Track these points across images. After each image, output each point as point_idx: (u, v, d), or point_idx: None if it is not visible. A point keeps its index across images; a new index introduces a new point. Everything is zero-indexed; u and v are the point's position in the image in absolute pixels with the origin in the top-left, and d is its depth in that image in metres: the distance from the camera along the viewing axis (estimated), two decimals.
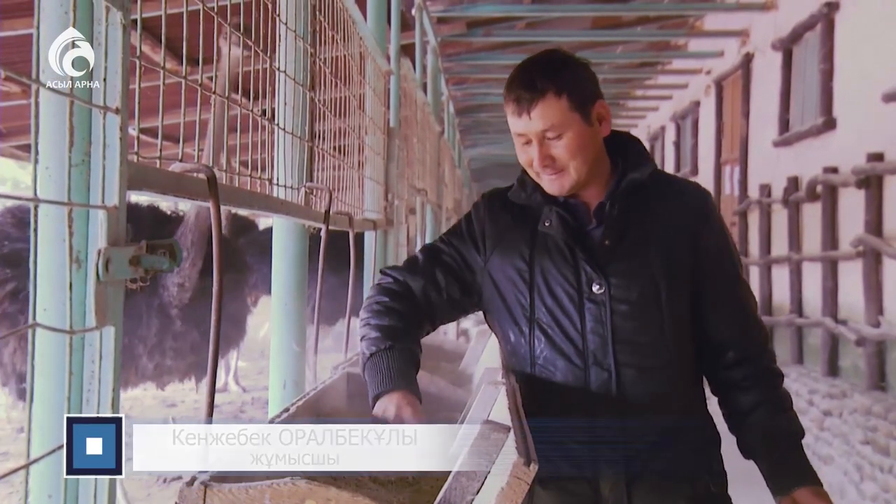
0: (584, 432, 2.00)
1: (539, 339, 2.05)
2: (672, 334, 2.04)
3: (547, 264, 2.05)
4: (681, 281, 2.06)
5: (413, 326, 2.07)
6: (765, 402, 2.07)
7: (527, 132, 1.99)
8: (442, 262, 2.16)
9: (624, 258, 2.03)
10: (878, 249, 7.03)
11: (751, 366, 2.09)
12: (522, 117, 1.98)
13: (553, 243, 2.06)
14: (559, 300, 2.03)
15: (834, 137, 8.22)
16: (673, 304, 2.04)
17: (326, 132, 3.10)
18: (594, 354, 2.00)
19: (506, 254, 2.10)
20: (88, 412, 1.20)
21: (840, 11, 8.23)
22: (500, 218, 2.15)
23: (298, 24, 2.53)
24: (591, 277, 2.01)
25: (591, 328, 2.01)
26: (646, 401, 2.01)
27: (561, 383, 2.02)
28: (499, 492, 1.31)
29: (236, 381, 10.52)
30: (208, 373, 1.60)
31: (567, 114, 1.97)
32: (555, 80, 1.97)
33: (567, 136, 1.97)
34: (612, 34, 12.50)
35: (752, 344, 2.12)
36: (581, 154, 2.00)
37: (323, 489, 1.23)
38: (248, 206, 2.11)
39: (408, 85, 6.09)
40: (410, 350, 1.99)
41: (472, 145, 22.37)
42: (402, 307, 2.07)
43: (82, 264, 1.18)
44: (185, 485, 1.25)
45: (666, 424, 2.03)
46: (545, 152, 1.99)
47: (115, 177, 1.20)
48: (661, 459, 2.02)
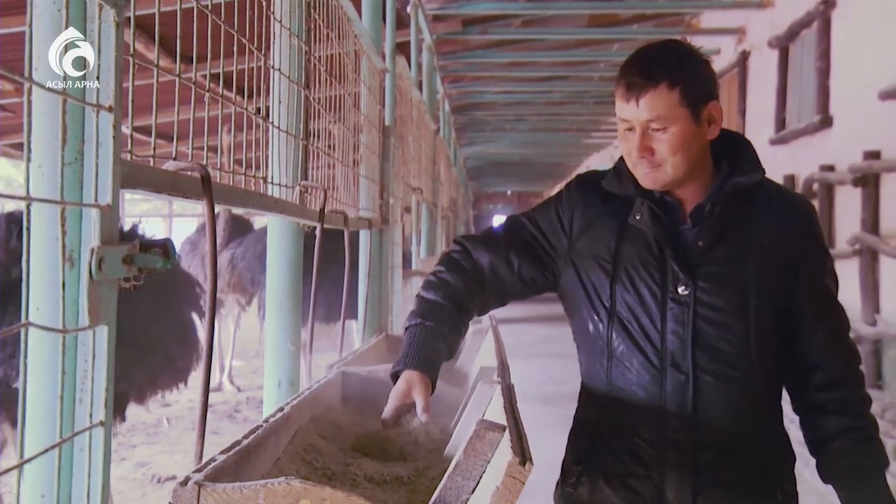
0: (655, 433, 1.96)
1: (618, 332, 2.00)
2: (756, 346, 1.96)
3: (633, 258, 1.99)
4: (774, 294, 1.98)
5: (461, 302, 2.05)
6: (851, 428, 1.99)
7: (632, 119, 1.92)
8: (521, 238, 2.12)
9: (716, 263, 1.96)
10: (874, 248, 7.04)
11: (840, 390, 2.02)
12: (630, 103, 1.91)
13: (642, 238, 2.00)
14: (641, 296, 1.97)
15: (830, 135, 8.24)
16: (761, 317, 1.96)
17: (321, 130, 3.09)
18: (672, 356, 1.94)
19: (592, 241, 2.05)
20: (81, 412, 1.20)
21: (837, 9, 8.25)
22: (591, 203, 2.09)
23: (293, 22, 2.53)
24: (678, 278, 1.95)
25: (671, 329, 1.95)
26: (721, 410, 1.94)
27: (636, 380, 1.97)
28: (494, 491, 1.31)
29: (231, 381, 10.51)
30: (202, 372, 1.60)
31: (676, 108, 1.89)
32: (671, 72, 1.89)
33: (672, 130, 1.90)
34: (608, 32, 12.51)
35: (843, 367, 2.05)
36: (682, 152, 1.92)
37: (317, 489, 1.23)
38: (242, 205, 2.10)
39: (403, 83, 6.09)
40: (441, 330, 1.98)
41: (467, 144, 22.38)
42: (456, 281, 2.07)
43: (75, 263, 1.18)
44: (179, 484, 1.25)
45: (740, 437, 1.97)
46: (646, 143, 1.92)
47: (108, 175, 1.19)
48: (732, 472, 1.97)
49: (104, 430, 1.20)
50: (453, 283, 2.07)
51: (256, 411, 8.94)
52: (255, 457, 1.56)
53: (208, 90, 1.77)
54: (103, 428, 1.20)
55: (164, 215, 22.02)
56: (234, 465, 1.41)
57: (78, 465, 1.20)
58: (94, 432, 1.20)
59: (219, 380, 10.42)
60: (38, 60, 1.16)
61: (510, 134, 21.70)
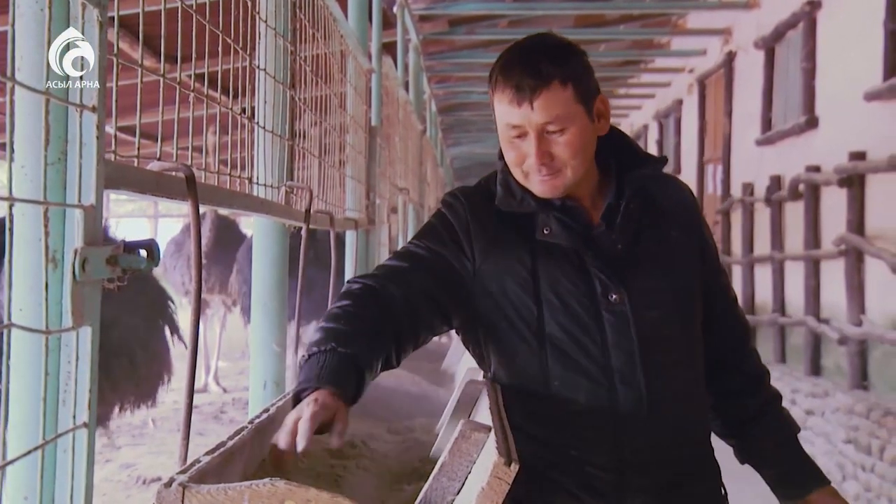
0: (612, 459, 1.77)
1: (555, 356, 1.79)
2: (697, 346, 1.90)
3: (554, 273, 1.80)
4: (697, 285, 1.91)
5: (370, 332, 1.69)
6: (763, 405, 1.99)
7: (524, 124, 1.75)
8: (422, 265, 1.85)
9: (641, 263, 1.84)
10: (859, 248, 7.08)
11: (744, 368, 2.01)
12: (522, 107, 1.74)
13: (558, 251, 1.82)
14: (573, 312, 1.79)
15: (816, 136, 8.27)
16: (696, 312, 1.90)
17: (307, 130, 3.09)
18: (620, 372, 1.77)
19: (502, 263, 1.83)
20: (65, 413, 1.19)
21: (822, 10, 8.28)
22: (484, 223, 1.87)
23: (278, 22, 2.52)
24: (607, 286, 1.79)
25: (613, 342, 1.78)
26: (677, 422, 1.81)
27: (584, 405, 1.78)
28: (479, 492, 1.31)
29: (217, 382, 10.49)
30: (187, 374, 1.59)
31: (572, 106, 1.75)
32: (562, 68, 1.74)
33: (570, 131, 1.75)
34: (594, 32, 12.54)
35: (742, 343, 2.04)
36: (582, 153, 1.78)
37: (302, 490, 1.23)
38: (227, 206, 2.10)
39: (389, 83, 6.08)
40: (353, 355, 1.60)
41: (454, 144, 22.38)
42: (363, 311, 1.73)
43: (59, 264, 1.17)
44: (163, 486, 1.24)
45: (695, 448, 1.88)
46: (544, 148, 1.76)
47: (91, 176, 1.19)
48: (692, 488, 1.86)
49: (88, 431, 1.20)
50: (358, 313, 1.72)
51: (242, 412, 8.92)
52: (240, 458, 1.56)
53: (193, 90, 1.77)
54: (87, 429, 1.20)
55: (149, 216, 21.93)
56: (219, 467, 1.41)
57: (61, 467, 1.19)
58: (78, 433, 1.20)
59: (204, 381, 10.40)
60: (20, 60, 1.16)
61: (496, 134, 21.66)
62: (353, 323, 1.68)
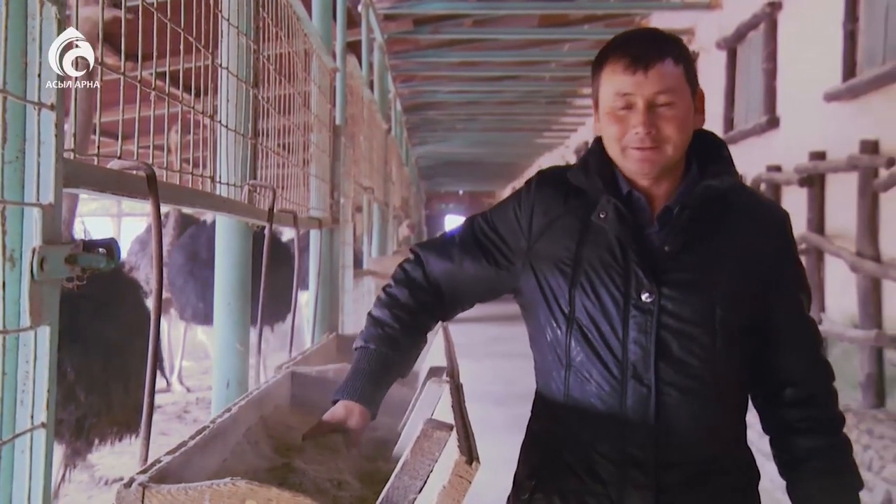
0: (615, 450, 1.82)
1: (577, 340, 1.85)
2: (723, 360, 1.84)
3: (594, 261, 1.85)
4: (743, 305, 1.86)
5: (412, 320, 1.98)
6: (825, 448, 1.90)
7: (637, 92, 1.78)
8: (477, 242, 2.00)
9: (683, 270, 1.83)
10: (819, 247, 7.15)
11: (813, 408, 1.92)
12: (637, 74, 1.78)
13: (605, 239, 1.85)
14: (602, 303, 1.83)
15: (777, 136, 8.36)
16: (730, 329, 1.84)
17: (271, 130, 3.08)
18: (634, 367, 1.80)
19: (552, 243, 1.90)
20: (22, 414, 1.18)
21: (783, 11, 8.37)
22: (552, 202, 1.94)
23: (241, 21, 2.51)
24: (642, 284, 1.80)
25: (633, 338, 1.80)
26: (686, 427, 1.81)
27: (595, 392, 1.83)
28: (441, 490, 1.31)
29: (180, 381, 10.42)
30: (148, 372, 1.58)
31: (682, 84, 1.81)
32: (675, 48, 1.82)
33: (678, 106, 1.79)
34: (558, 32, 12.59)
35: (816, 385, 1.95)
36: (684, 132, 1.82)
37: (264, 489, 1.22)
38: (189, 205, 2.09)
39: (354, 82, 6.07)
40: (388, 355, 1.93)
41: (419, 143, 22.38)
42: (407, 297, 1.99)
43: (16, 263, 1.16)
44: (123, 486, 1.23)
45: (706, 457, 1.85)
46: (651, 119, 1.79)
47: (50, 174, 1.18)
48: (698, 494, 1.84)
49: (46, 431, 1.19)
50: (402, 300, 1.99)
51: (206, 412, 8.86)
52: (201, 458, 1.55)
53: (154, 88, 1.76)
54: (44, 429, 1.19)
55: (112, 214, 21.75)
56: (180, 466, 1.40)
57: (19, 468, 1.18)
58: (36, 434, 1.19)
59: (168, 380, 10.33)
60: None
61: (462, 133, 21.74)
62: (395, 312, 1.98)
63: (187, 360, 11.30)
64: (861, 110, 6.70)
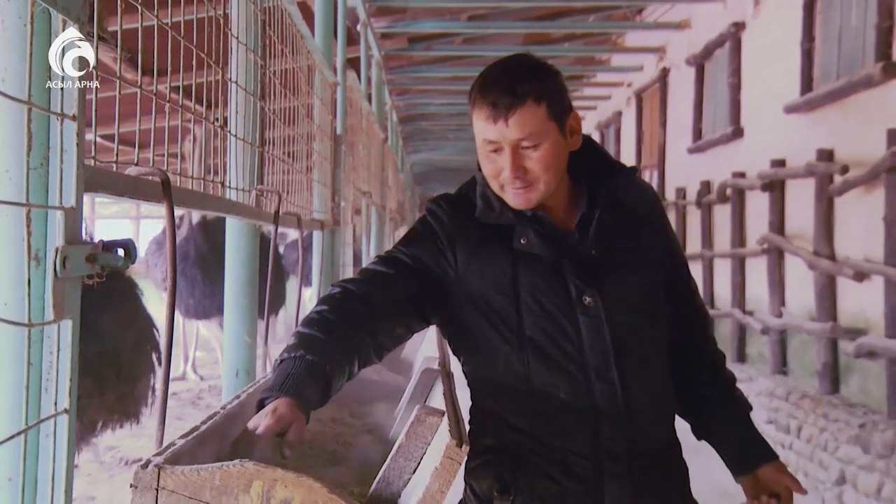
0: (589, 446, 1.76)
1: (535, 357, 1.76)
2: (661, 342, 1.89)
3: (533, 280, 1.77)
4: (660, 286, 1.88)
5: (343, 338, 1.67)
6: (719, 384, 1.98)
7: (500, 140, 1.72)
8: (404, 269, 1.82)
9: (613, 267, 1.81)
10: (780, 247, 7.18)
11: (701, 353, 1.99)
12: (498, 124, 1.71)
13: (535, 259, 1.78)
14: (551, 316, 1.76)
15: (742, 145, 8.38)
16: (659, 311, 1.88)
17: (277, 139, 3.07)
18: (596, 370, 1.75)
19: (484, 270, 1.79)
20: (47, 400, 1.18)
21: (746, 31, 8.40)
22: (467, 232, 1.83)
23: (249, 39, 2.50)
24: (581, 289, 1.76)
25: (588, 343, 1.76)
26: (649, 413, 1.81)
27: (566, 400, 1.76)
28: (433, 471, 1.31)
29: (194, 370, 10.40)
30: (163, 363, 1.58)
31: (545, 123, 1.72)
32: (536, 87, 1.71)
33: (543, 146, 1.72)
34: (541, 49, 12.53)
35: (701, 330, 2.02)
36: (554, 168, 1.75)
37: (269, 470, 1.22)
38: (200, 208, 2.09)
39: (353, 95, 6.06)
40: (321, 364, 1.59)
41: (414, 151, 22.36)
42: (339, 316, 1.71)
43: (41, 262, 1.16)
44: (140, 467, 1.23)
45: (664, 440, 1.87)
46: (518, 163, 1.73)
47: (72, 180, 1.18)
48: (661, 476, 1.84)
49: (68, 416, 1.19)
50: (333, 319, 1.70)
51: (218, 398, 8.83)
52: (212, 441, 1.55)
53: (169, 100, 1.75)
54: (67, 415, 1.19)
55: (131, 217, 21.67)
56: (193, 449, 1.39)
57: (43, 450, 1.18)
58: (59, 419, 1.18)
59: (183, 369, 10.33)
60: (4, 71, 1.14)
61: (453, 142, 21.71)
62: (328, 329, 1.67)
63: (200, 351, 11.28)
64: (817, 121, 6.72)
